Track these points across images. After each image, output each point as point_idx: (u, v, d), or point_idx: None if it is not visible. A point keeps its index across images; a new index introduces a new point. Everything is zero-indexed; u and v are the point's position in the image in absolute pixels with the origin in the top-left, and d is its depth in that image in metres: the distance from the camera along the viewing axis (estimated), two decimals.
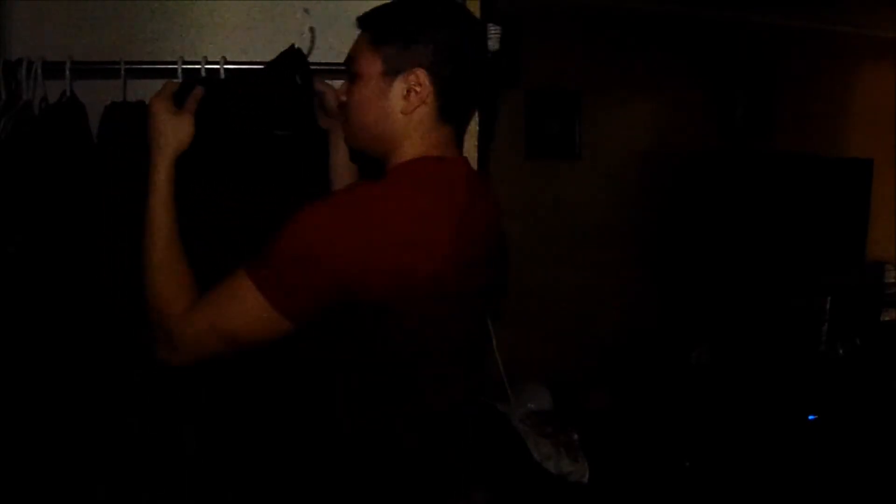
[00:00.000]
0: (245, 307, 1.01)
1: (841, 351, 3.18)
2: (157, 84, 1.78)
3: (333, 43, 1.64)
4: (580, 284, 3.13)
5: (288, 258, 1.00)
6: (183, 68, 1.68)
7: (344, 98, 1.18)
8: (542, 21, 2.92)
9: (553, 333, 3.09)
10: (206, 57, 1.65)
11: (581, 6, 3.01)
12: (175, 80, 1.31)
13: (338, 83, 1.46)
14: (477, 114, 1.61)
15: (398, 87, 1.12)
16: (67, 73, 1.57)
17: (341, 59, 1.24)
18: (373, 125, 1.14)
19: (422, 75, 1.11)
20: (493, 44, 1.81)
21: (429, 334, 1.08)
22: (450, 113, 1.15)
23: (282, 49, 1.48)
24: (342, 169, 1.46)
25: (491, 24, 1.61)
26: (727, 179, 3.11)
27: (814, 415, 2.86)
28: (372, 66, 1.12)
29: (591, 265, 3.15)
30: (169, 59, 1.72)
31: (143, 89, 1.77)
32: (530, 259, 3.08)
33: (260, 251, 1.02)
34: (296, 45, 1.49)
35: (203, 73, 1.70)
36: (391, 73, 1.12)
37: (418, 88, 1.11)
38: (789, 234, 3.19)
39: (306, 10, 1.75)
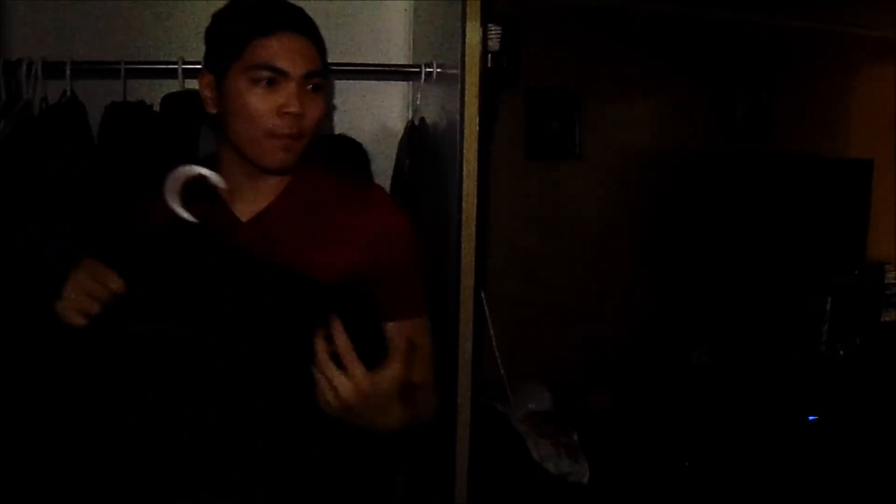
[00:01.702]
0: (427, 333, 1.20)
1: (841, 351, 3.17)
2: (157, 84, 1.79)
3: None
4: (580, 284, 3.13)
5: (420, 274, 1.20)
6: (183, 68, 1.68)
7: (298, 110, 1.07)
8: (542, 21, 2.92)
9: (553, 333, 3.09)
10: None
11: (581, 6, 3.00)
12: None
13: None
14: (477, 114, 1.61)
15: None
16: (67, 73, 1.58)
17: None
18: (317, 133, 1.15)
19: None
20: (493, 44, 1.81)
21: None
22: None
23: None
24: None
25: (491, 24, 1.61)
26: (727, 179, 3.11)
27: (814, 415, 2.86)
28: (325, 72, 1.13)
29: (590, 265, 3.15)
30: (169, 59, 1.72)
31: (143, 89, 1.77)
32: (530, 259, 3.08)
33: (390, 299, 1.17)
34: None
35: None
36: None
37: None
38: (789, 234, 3.18)
39: None
